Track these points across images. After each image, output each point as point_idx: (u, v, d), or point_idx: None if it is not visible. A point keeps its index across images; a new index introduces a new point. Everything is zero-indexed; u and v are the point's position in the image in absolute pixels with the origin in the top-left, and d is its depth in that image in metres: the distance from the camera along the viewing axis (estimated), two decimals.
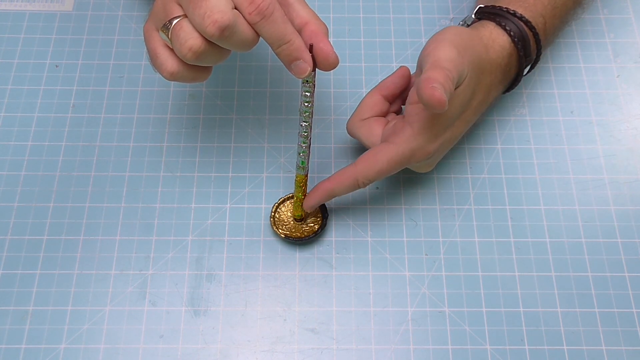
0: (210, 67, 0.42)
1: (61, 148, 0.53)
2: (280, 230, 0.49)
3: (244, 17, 0.38)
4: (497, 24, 0.48)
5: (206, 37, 0.38)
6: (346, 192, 0.47)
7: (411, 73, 0.50)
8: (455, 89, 0.44)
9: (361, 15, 0.60)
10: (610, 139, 0.54)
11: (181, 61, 0.40)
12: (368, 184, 0.46)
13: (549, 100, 0.55)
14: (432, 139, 0.45)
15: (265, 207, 0.51)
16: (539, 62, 0.51)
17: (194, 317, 0.47)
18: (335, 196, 0.47)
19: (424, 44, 0.46)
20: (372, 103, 0.49)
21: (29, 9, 0.60)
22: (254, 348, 0.46)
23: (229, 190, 0.51)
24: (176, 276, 0.48)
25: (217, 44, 0.39)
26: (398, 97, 0.50)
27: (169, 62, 0.40)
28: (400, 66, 0.50)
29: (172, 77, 0.41)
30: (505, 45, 0.48)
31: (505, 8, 0.49)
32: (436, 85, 0.41)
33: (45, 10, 0.60)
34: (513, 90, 0.52)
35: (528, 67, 0.51)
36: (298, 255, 0.49)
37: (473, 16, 0.51)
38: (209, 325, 0.47)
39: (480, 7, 0.51)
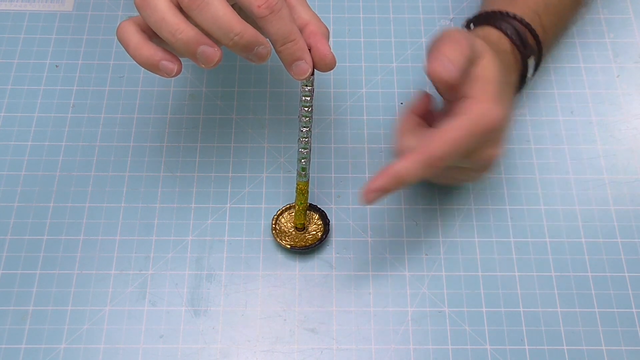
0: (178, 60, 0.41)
1: (61, 148, 0.53)
2: (284, 242, 0.49)
3: (251, 11, 0.38)
4: (490, 25, 0.49)
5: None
6: (417, 179, 0.42)
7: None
8: (479, 58, 0.43)
9: (361, 15, 0.60)
10: (610, 139, 0.54)
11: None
12: (440, 167, 0.41)
13: (549, 100, 0.55)
14: (495, 103, 0.43)
15: (265, 207, 0.51)
16: (542, 62, 0.51)
17: (194, 317, 0.47)
18: (403, 184, 0.41)
19: (424, 44, 0.46)
20: (409, 123, 0.46)
21: (29, 9, 0.60)
22: (254, 348, 0.46)
23: (229, 190, 0.52)
24: (176, 276, 0.48)
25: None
26: (426, 115, 0.47)
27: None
28: (419, 91, 0.48)
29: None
30: (501, 37, 0.48)
31: (498, 10, 0.49)
32: (441, 58, 0.41)
33: (45, 10, 0.60)
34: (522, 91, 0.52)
35: (533, 67, 0.51)
36: (298, 255, 0.49)
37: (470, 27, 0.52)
38: (209, 325, 0.47)
39: (472, 17, 0.52)
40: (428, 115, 0.47)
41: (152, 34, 0.40)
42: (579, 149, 0.53)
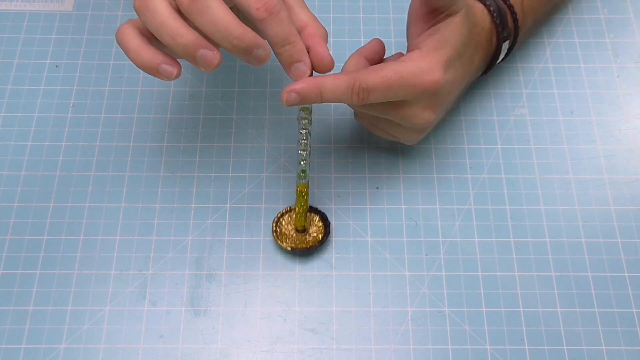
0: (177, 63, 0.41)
1: (61, 148, 0.53)
2: (284, 244, 0.48)
3: (250, 14, 0.38)
4: None
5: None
6: (336, 97, 0.42)
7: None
8: (451, 14, 0.44)
9: (361, 15, 0.60)
10: (610, 139, 0.54)
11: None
12: (363, 97, 0.42)
13: (549, 100, 0.56)
14: (440, 65, 0.43)
15: (265, 208, 0.51)
16: (513, 49, 0.52)
17: (194, 317, 0.47)
18: (322, 97, 0.41)
19: None
20: (357, 64, 0.46)
21: (29, 9, 0.60)
22: (254, 348, 0.46)
23: (229, 190, 0.52)
24: (176, 276, 0.48)
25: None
26: (376, 63, 0.49)
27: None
28: (374, 38, 0.49)
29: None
30: (484, 13, 0.48)
31: None
32: None
33: (45, 10, 0.60)
34: (489, 73, 0.53)
35: (505, 52, 0.51)
36: (298, 255, 0.49)
37: None
38: (209, 325, 0.47)
39: None
40: (379, 61, 0.48)
41: (151, 37, 0.40)
42: (579, 149, 0.53)
